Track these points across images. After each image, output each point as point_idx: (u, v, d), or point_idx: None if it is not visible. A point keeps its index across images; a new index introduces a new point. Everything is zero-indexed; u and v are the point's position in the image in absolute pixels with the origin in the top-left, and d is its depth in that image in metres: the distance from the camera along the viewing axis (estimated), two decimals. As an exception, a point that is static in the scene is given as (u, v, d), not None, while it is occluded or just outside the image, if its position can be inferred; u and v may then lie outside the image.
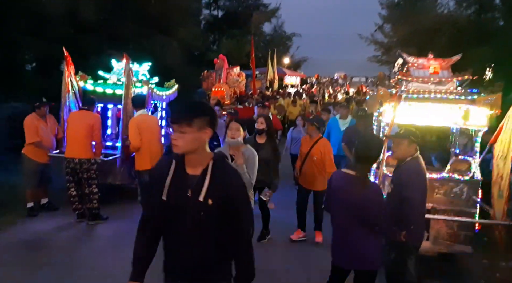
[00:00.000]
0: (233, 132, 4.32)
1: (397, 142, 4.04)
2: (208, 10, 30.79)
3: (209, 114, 2.22)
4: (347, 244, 3.45)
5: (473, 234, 5.06)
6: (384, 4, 25.49)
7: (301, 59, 38.91)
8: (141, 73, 7.98)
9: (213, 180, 2.19)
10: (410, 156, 3.98)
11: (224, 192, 2.18)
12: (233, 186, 2.23)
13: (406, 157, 3.99)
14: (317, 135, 6.02)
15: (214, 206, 2.17)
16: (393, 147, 4.13)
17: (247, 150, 4.34)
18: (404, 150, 3.99)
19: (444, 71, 5.37)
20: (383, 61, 25.83)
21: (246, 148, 4.36)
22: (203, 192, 2.17)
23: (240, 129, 4.29)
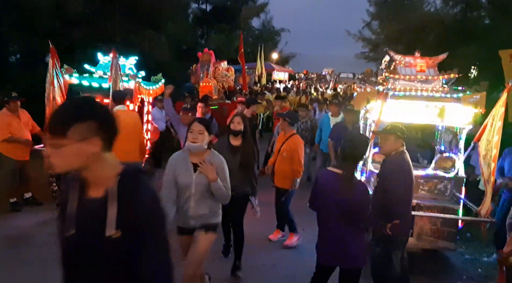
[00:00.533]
0: (194, 135, 3.54)
1: (384, 138, 4.12)
2: (197, 4, 30.52)
3: (96, 117, 1.63)
4: (333, 242, 3.48)
5: (456, 230, 5.15)
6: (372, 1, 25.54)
7: (289, 54, 38.89)
8: (128, 67, 7.91)
9: (120, 204, 1.64)
10: (395, 150, 4.04)
11: (133, 219, 1.62)
12: (142, 210, 1.64)
13: (392, 152, 4.06)
14: (290, 131, 5.78)
15: (123, 239, 1.63)
16: (380, 142, 4.21)
17: (213, 157, 3.64)
18: (390, 145, 4.06)
19: (430, 69, 5.43)
20: (371, 58, 25.91)
21: (212, 155, 3.64)
22: (108, 221, 1.62)
23: (205, 131, 3.56)
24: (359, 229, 3.49)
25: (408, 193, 4.06)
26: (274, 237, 6.01)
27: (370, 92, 5.25)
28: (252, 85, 22.33)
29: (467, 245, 5.97)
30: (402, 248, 4.22)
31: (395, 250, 4.10)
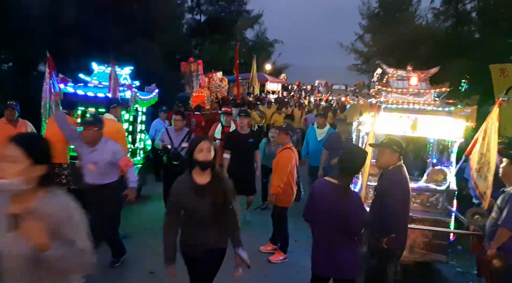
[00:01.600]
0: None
1: (381, 151, 4.17)
2: (191, 14, 30.72)
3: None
4: (327, 253, 3.48)
5: (448, 243, 5.18)
6: (365, 15, 25.98)
7: (282, 65, 39.14)
8: (123, 77, 7.93)
9: None
10: (393, 164, 4.08)
11: None
12: None
13: (389, 165, 4.09)
14: (284, 145, 5.64)
15: None
16: (377, 155, 4.25)
17: (48, 203, 2.07)
18: (386, 158, 4.09)
19: (422, 83, 5.50)
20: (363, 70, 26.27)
21: (46, 199, 2.08)
22: None
23: (23, 159, 2.00)
24: (353, 240, 3.50)
25: (406, 207, 4.09)
26: (265, 249, 5.97)
27: (363, 104, 5.30)
28: (246, 95, 22.39)
29: (459, 257, 6.00)
30: (396, 261, 4.24)
31: (389, 263, 4.12)
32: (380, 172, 4.35)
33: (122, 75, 7.87)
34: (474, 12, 17.91)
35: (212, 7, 31.24)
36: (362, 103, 5.39)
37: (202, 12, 31.17)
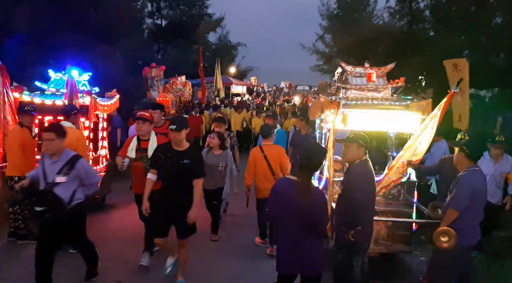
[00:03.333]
0: None
1: (347, 146, 4.27)
2: (152, 19, 30.34)
3: None
4: (292, 250, 3.51)
5: (411, 233, 5.34)
6: (324, 15, 26.46)
7: (247, 68, 39.31)
8: (81, 83, 7.74)
9: None
10: (359, 159, 4.19)
11: None
12: None
13: (355, 160, 4.20)
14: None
15: None
16: (343, 150, 4.36)
17: None
18: (353, 153, 4.21)
19: (379, 79, 5.66)
20: (325, 70, 26.72)
21: None
22: None
23: None
24: (318, 236, 3.55)
25: (371, 201, 4.21)
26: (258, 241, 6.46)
27: (323, 102, 5.40)
28: (211, 99, 22.33)
29: (422, 247, 6.19)
30: (363, 254, 4.33)
31: (356, 256, 4.21)
32: (347, 167, 4.45)
33: (81, 82, 7.68)
34: (428, 10, 18.58)
35: (172, 11, 31.02)
36: (322, 101, 5.48)
37: (163, 16, 30.88)
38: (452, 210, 3.99)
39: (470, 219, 4.00)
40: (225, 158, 6.52)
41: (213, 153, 6.54)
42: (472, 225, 4.04)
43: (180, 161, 4.55)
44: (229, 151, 6.72)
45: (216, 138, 6.46)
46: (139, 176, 5.16)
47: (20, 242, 6.00)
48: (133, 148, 5.29)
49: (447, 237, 3.91)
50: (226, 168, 6.50)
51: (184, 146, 4.66)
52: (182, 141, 4.64)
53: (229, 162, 6.57)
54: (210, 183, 6.21)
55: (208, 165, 6.04)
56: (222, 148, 6.54)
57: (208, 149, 6.62)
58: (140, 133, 5.27)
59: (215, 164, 6.40)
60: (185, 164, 4.55)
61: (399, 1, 19.27)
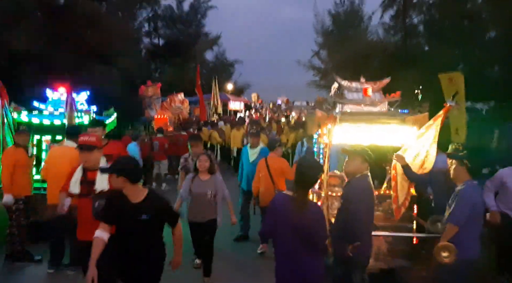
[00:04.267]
0: None
1: (352, 158, 4.22)
2: (149, 38, 30.69)
3: None
4: (290, 266, 3.45)
5: (411, 248, 5.29)
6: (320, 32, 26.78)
7: (244, 85, 39.62)
8: (80, 102, 7.79)
9: None
10: (360, 173, 4.16)
11: None
12: None
13: (357, 173, 4.16)
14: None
15: None
16: (346, 161, 4.30)
17: None
18: (356, 166, 4.17)
19: (375, 93, 5.69)
20: (322, 86, 26.89)
21: None
22: None
23: None
24: (316, 251, 3.51)
25: (370, 215, 4.17)
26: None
27: (320, 116, 5.42)
28: (209, 116, 22.42)
29: (423, 262, 6.11)
30: (363, 270, 4.28)
31: (355, 271, 4.16)
32: (347, 181, 4.42)
33: (79, 101, 7.72)
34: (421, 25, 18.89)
35: (169, 30, 31.40)
36: (319, 116, 5.51)
37: (160, 36, 31.26)
38: (451, 225, 3.97)
39: (470, 233, 3.97)
40: (214, 184, 5.40)
41: (199, 178, 5.42)
42: (472, 239, 4.02)
43: (136, 218, 3.39)
44: (218, 175, 5.57)
45: (209, 161, 5.43)
46: (85, 217, 3.97)
47: (18, 263, 5.92)
48: (77, 180, 4.12)
49: (447, 252, 3.88)
50: (217, 195, 5.40)
51: (139, 196, 3.46)
52: (129, 189, 3.43)
53: (220, 188, 5.46)
54: (198, 215, 5.35)
55: (194, 194, 5.36)
56: (210, 172, 5.44)
57: (193, 175, 5.49)
58: (88, 165, 4.10)
59: (202, 192, 5.32)
60: (143, 221, 3.40)
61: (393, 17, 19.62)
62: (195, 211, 5.35)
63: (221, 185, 5.48)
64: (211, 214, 5.37)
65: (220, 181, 5.49)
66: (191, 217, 5.35)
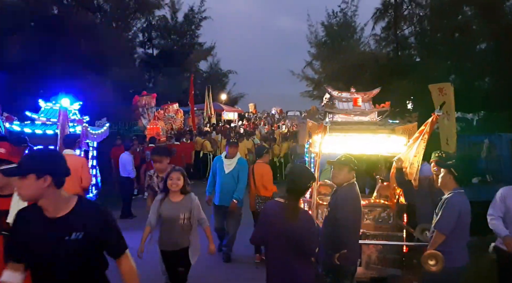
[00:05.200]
0: None
1: (338, 168, 4.32)
2: (143, 48, 30.77)
3: None
4: (281, 274, 3.47)
5: (402, 256, 5.32)
6: (313, 43, 27.05)
7: (238, 95, 39.70)
8: (72, 112, 7.78)
9: None
10: (347, 181, 4.23)
11: None
12: None
13: (344, 183, 4.26)
14: None
15: None
16: (333, 172, 4.40)
17: None
18: (344, 175, 4.28)
19: (365, 103, 5.78)
20: (315, 96, 27.09)
21: None
22: None
23: None
24: (307, 260, 3.53)
25: (357, 223, 4.23)
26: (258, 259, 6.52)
27: (311, 126, 5.48)
28: (202, 125, 22.44)
29: (414, 271, 6.14)
30: (351, 278, 4.31)
31: (343, 279, 4.19)
32: (334, 189, 4.49)
33: (71, 111, 7.72)
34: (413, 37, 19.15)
35: (164, 41, 31.48)
36: (310, 125, 5.57)
37: (154, 46, 31.33)
38: (438, 234, 4.01)
39: (457, 241, 4.01)
40: (188, 206, 4.57)
41: (170, 200, 4.59)
42: (459, 247, 4.06)
43: (59, 239, 2.35)
44: (193, 195, 4.67)
45: (181, 179, 4.57)
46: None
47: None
48: None
49: (434, 260, 3.92)
50: (191, 219, 4.58)
51: (63, 207, 2.42)
52: (48, 199, 2.36)
53: (195, 210, 4.61)
54: (170, 243, 4.57)
55: (164, 218, 4.55)
56: (183, 192, 4.60)
57: (163, 195, 4.64)
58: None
59: (174, 216, 4.49)
60: (73, 243, 2.36)
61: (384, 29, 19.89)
62: (166, 239, 4.55)
63: (197, 207, 4.63)
64: (186, 242, 4.57)
65: (195, 202, 4.63)
66: (162, 245, 4.59)
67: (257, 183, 6.69)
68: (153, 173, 5.46)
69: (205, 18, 32.53)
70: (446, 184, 4.18)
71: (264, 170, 6.77)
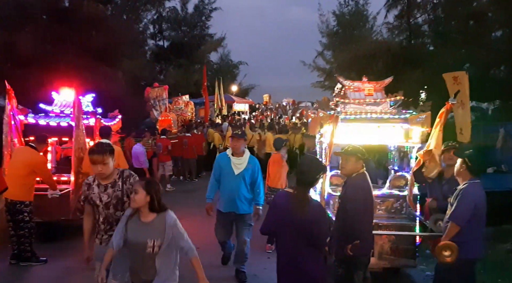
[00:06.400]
0: None
1: (345, 159, 4.27)
2: (154, 40, 30.83)
3: None
4: (293, 265, 3.46)
5: (415, 247, 5.28)
6: (324, 33, 26.80)
7: (249, 86, 39.61)
8: (85, 104, 7.84)
9: None
10: (356, 172, 4.18)
11: None
12: None
13: (353, 173, 4.21)
14: None
15: None
16: (342, 163, 4.36)
17: None
18: (351, 166, 4.21)
19: (378, 93, 5.68)
20: (326, 86, 26.93)
21: None
22: None
23: None
24: (318, 250, 3.51)
25: (368, 213, 4.17)
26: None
27: (322, 116, 5.42)
28: (214, 117, 22.49)
29: (428, 261, 6.11)
30: (364, 269, 4.28)
31: (357, 270, 4.16)
32: (344, 180, 4.45)
33: (84, 103, 7.78)
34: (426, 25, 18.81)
35: (174, 32, 31.48)
36: (321, 115, 5.51)
37: (165, 38, 31.36)
38: (453, 225, 3.95)
39: (472, 232, 3.95)
40: (160, 230, 3.36)
41: (139, 219, 3.43)
42: (474, 238, 4.00)
43: None
44: (169, 215, 3.41)
45: (142, 191, 3.34)
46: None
47: (23, 264, 5.98)
48: None
49: (449, 251, 3.87)
50: (163, 246, 3.36)
51: None
52: None
53: (173, 236, 3.38)
54: (138, 274, 3.49)
55: (129, 242, 3.42)
56: (153, 210, 3.39)
57: (131, 211, 3.47)
58: None
59: (140, 242, 3.36)
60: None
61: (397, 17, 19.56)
62: (133, 268, 3.50)
63: (175, 232, 3.38)
64: (150, 274, 3.40)
65: (172, 224, 3.37)
66: (132, 276, 3.56)
67: (271, 175, 6.79)
68: (92, 180, 3.77)
69: (215, 9, 32.44)
70: (461, 174, 4.10)
71: (274, 159, 6.91)
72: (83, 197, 3.87)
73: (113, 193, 3.69)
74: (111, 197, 3.68)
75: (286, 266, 3.50)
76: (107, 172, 3.65)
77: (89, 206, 3.82)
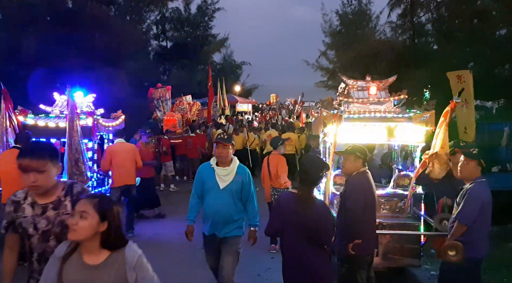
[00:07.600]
0: None
1: (345, 158, 4.29)
2: (157, 41, 30.88)
3: None
4: (297, 265, 3.45)
5: (419, 246, 5.24)
6: (328, 32, 26.75)
7: (252, 86, 39.59)
8: (86, 104, 7.84)
9: None
10: (357, 170, 4.17)
11: None
12: None
13: (353, 172, 4.21)
14: None
15: None
16: (342, 162, 4.40)
17: None
18: (351, 164, 4.22)
19: (381, 92, 5.66)
20: (330, 86, 26.85)
21: None
22: None
23: None
24: (323, 250, 3.49)
25: (369, 212, 4.15)
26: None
27: (326, 116, 5.40)
28: (217, 117, 22.49)
29: (432, 261, 6.07)
30: (368, 268, 4.26)
31: (359, 269, 4.14)
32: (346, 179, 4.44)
33: (84, 103, 7.78)
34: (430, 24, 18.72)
35: (177, 33, 31.51)
36: (325, 115, 5.49)
37: (168, 38, 31.39)
38: (460, 224, 3.90)
39: (478, 232, 3.90)
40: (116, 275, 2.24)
41: (81, 261, 2.27)
42: (480, 237, 3.95)
43: None
44: (131, 248, 2.32)
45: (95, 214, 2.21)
46: None
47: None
48: None
49: (454, 251, 3.83)
50: None
51: None
52: None
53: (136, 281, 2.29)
54: None
55: None
56: (108, 246, 2.27)
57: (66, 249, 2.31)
58: None
59: None
60: None
61: (400, 16, 19.48)
62: None
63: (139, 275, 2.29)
64: None
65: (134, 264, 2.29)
66: None
67: (272, 175, 6.68)
68: (22, 197, 2.65)
69: (218, 9, 32.41)
70: (470, 173, 4.03)
71: (278, 161, 6.77)
72: (5, 222, 2.66)
73: (56, 217, 2.55)
74: (52, 224, 2.54)
75: (292, 266, 3.49)
76: (44, 184, 2.51)
77: (15, 236, 2.65)
